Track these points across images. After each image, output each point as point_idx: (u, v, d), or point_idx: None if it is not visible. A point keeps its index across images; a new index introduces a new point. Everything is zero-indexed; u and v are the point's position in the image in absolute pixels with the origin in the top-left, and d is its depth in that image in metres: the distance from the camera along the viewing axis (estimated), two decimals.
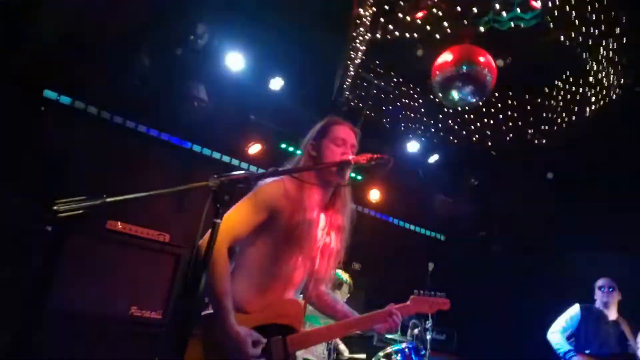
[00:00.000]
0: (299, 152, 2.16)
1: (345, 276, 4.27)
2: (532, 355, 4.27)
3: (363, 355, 4.37)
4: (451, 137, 5.11)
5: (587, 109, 4.29)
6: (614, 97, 4.00)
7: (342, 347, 4.25)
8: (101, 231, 3.87)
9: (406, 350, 3.74)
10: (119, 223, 3.99)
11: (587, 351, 3.80)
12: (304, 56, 4.71)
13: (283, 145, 5.56)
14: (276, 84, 4.93)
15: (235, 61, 4.67)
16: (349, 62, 4.55)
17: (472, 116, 4.96)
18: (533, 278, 5.58)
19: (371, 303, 2.05)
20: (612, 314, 3.93)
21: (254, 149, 5.44)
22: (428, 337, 4.25)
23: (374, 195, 6.27)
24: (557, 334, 3.98)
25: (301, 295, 2.07)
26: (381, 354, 3.80)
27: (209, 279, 1.68)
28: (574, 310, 4.04)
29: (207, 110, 4.86)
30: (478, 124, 4.94)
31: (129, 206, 4.16)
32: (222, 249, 1.72)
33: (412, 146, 5.87)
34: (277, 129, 5.43)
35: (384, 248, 6.14)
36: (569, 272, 4.91)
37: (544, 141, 4.63)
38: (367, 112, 5.11)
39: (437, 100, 4.81)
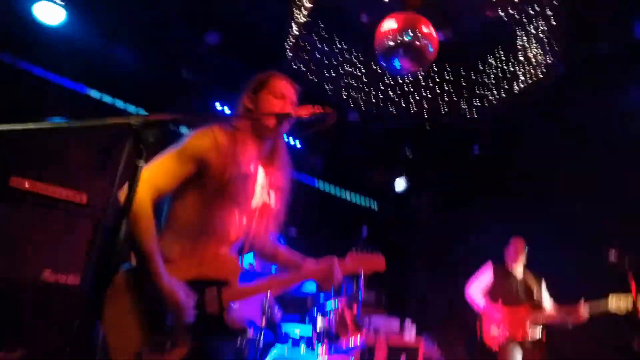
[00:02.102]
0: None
1: (280, 240, 4.26)
2: (457, 309, 4.60)
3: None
4: (390, 108, 5.17)
5: (516, 86, 4.52)
6: (541, 76, 4.25)
7: (277, 308, 4.28)
8: (3, 188, 3.42)
9: (339, 306, 3.96)
10: (26, 182, 3.56)
11: (499, 301, 4.18)
12: (243, 10, 4.47)
13: (219, 106, 5.32)
14: (212, 38, 4.65)
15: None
16: (293, 22, 4.39)
17: (411, 88, 5.04)
18: (454, 243, 5.95)
19: None
20: (520, 268, 4.34)
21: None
22: (360, 294, 4.40)
23: (312, 162, 6.26)
24: (473, 289, 4.34)
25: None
26: (315, 310, 3.94)
27: (134, 232, 1.55)
28: (487, 267, 4.42)
29: (133, 61, 4.48)
30: (416, 96, 5.04)
31: (40, 162, 3.77)
32: (144, 200, 1.59)
33: (352, 115, 5.89)
34: (214, 87, 5.17)
35: (319, 214, 6.20)
36: (488, 234, 5.28)
37: (476, 116, 4.84)
38: (309, 76, 5.01)
39: (378, 69, 4.83)
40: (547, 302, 4.20)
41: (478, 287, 4.34)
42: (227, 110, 5.29)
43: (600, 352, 4.46)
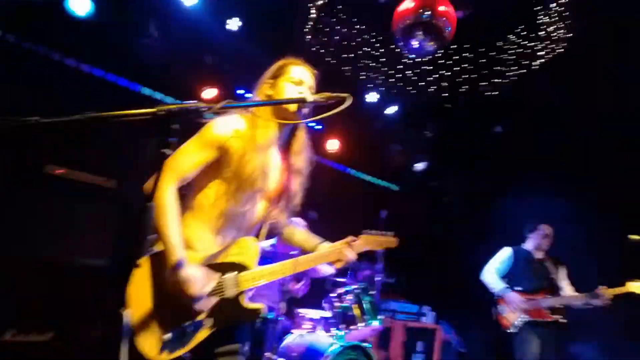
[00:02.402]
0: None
1: (299, 221, 4.32)
2: (475, 295, 4.61)
3: None
4: (409, 88, 5.16)
5: (535, 63, 4.45)
6: (562, 50, 4.16)
7: (300, 284, 4.32)
8: (38, 176, 3.56)
9: (356, 290, 3.93)
10: (59, 169, 3.71)
11: (519, 288, 4.15)
12: None
13: (241, 91, 5.42)
14: (234, 24, 4.72)
15: None
16: (310, 5, 4.42)
17: (429, 67, 5.01)
18: (478, 225, 5.94)
19: None
20: (539, 254, 4.29)
21: (209, 93, 5.23)
22: (378, 279, 4.47)
23: (332, 145, 6.32)
24: (491, 274, 4.28)
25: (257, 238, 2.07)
26: (332, 295, 3.99)
27: (157, 220, 1.65)
28: (505, 252, 4.35)
29: (157, 49, 4.58)
30: (435, 76, 5.02)
31: (72, 151, 3.94)
32: (168, 189, 1.70)
33: (371, 97, 5.91)
34: (235, 73, 5.25)
35: (340, 198, 6.27)
36: (504, 217, 5.26)
37: (496, 93, 4.79)
38: (328, 59, 5.04)
39: (396, 49, 4.82)
40: (567, 288, 4.14)
41: (497, 270, 4.29)
42: (248, 96, 5.39)
43: (619, 334, 4.47)
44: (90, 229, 3.73)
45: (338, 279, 4.41)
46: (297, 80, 1.95)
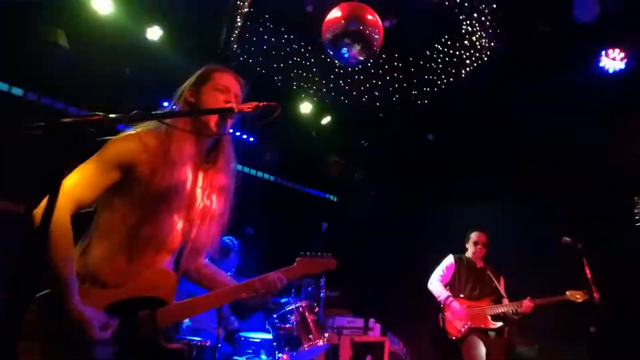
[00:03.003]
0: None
1: (231, 243, 4.11)
2: (421, 305, 4.61)
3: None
4: (342, 98, 5.13)
5: (463, 71, 4.60)
6: (485, 60, 4.33)
7: (232, 318, 4.14)
8: None
9: (300, 309, 3.77)
10: None
11: (462, 295, 4.22)
12: (185, 3, 4.27)
13: (166, 104, 5.09)
14: (154, 33, 4.43)
15: (103, 4, 4.07)
16: (235, 13, 4.24)
17: (362, 77, 5.02)
18: (417, 234, 6.01)
19: (268, 267, 1.91)
20: (480, 262, 4.40)
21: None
22: (322, 294, 4.34)
23: (266, 157, 6.15)
24: (436, 283, 4.33)
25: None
26: (275, 316, 3.79)
27: (49, 250, 1.39)
28: (449, 260, 4.42)
29: (69, 61, 4.18)
30: (367, 85, 5.03)
31: None
32: (61, 216, 1.44)
33: (305, 107, 5.83)
34: (157, 85, 4.92)
35: (278, 211, 6.10)
36: (446, 225, 5.36)
37: (426, 102, 4.89)
38: (258, 69, 4.88)
39: (328, 59, 4.77)
40: (504, 295, 4.24)
41: (440, 280, 4.34)
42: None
43: (559, 338, 4.67)
44: None
45: (280, 299, 4.22)
46: (223, 88, 1.76)
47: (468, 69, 4.50)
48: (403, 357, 5.10)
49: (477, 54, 4.34)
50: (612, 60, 4.47)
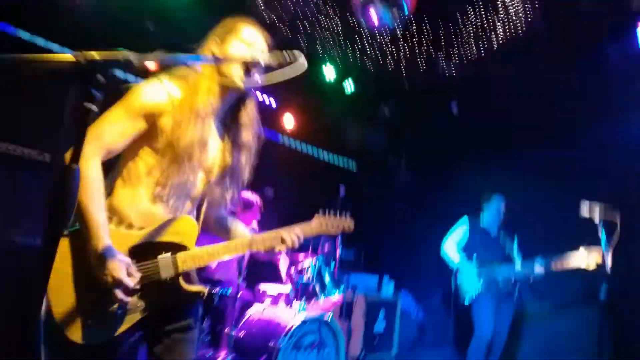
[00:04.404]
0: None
1: (254, 197, 4.19)
2: (433, 263, 4.68)
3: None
4: (368, 64, 5.02)
5: (495, 42, 4.43)
6: (520, 31, 4.16)
7: None
8: None
9: (316, 264, 3.98)
10: None
11: (476, 259, 4.27)
12: None
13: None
14: None
15: None
16: None
17: (389, 43, 4.89)
18: (432, 200, 5.99)
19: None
20: (494, 225, 4.43)
21: (151, 65, 4.79)
22: (338, 252, 4.43)
23: (288, 121, 6.13)
24: (450, 247, 4.40)
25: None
26: (293, 269, 3.95)
27: (79, 193, 1.43)
28: (464, 224, 4.47)
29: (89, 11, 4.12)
30: (394, 53, 4.91)
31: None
32: (91, 160, 1.49)
33: (329, 72, 5.74)
34: (182, 43, 4.87)
35: (297, 175, 6.13)
36: (461, 193, 5.33)
37: (454, 72, 4.75)
38: (283, 32, 4.79)
39: (355, 23, 4.65)
40: (518, 258, 4.29)
41: (453, 242, 4.40)
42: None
43: (569, 303, 4.68)
44: (26, 206, 3.40)
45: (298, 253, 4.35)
46: (248, 41, 1.73)
47: (501, 40, 4.33)
48: (415, 316, 5.24)
49: (512, 26, 4.16)
50: None
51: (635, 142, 4.46)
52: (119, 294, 1.47)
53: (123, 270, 1.47)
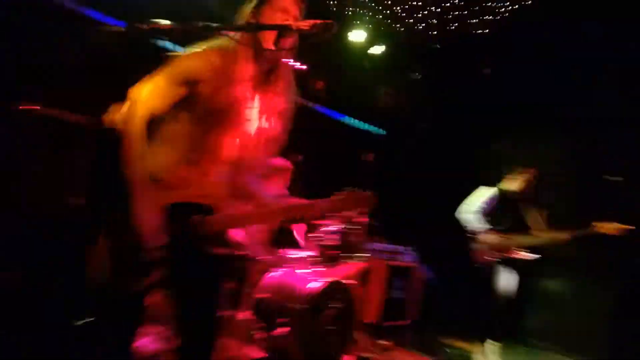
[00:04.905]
0: None
1: (284, 163, 4.25)
2: (456, 233, 4.66)
3: None
4: (397, 25, 4.93)
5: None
6: None
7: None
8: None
9: (343, 230, 3.90)
10: (33, 106, 3.53)
11: (496, 227, 4.23)
12: None
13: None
14: None
15: None
16: None
17: (418, 3, 4.76)
18: (457, 168, 5.96)
19: (310, 195, 1.98)
20: (519, 195, 4.35)
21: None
22: (362, 219, 4.47)
23: (316, 86, 6.13)
24: (473, 213, 4.32)
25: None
26: (319, 233, 4.02)
27: (124, 153, 1.56)
28: (488, 192, 4.38)
29: None
30: (424, 12, 4.78)
31: (45, 87, 3.70)
32: (138, 122, 1.61)
33: (358, 35, 5.68)
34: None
35: (325, 141, 6.18)
36: (488, 160, 5.27)
37: (487, 31, 4.61)
38: None
39: None
40: (542, 229, 4.24)
41: (478, 209, 4.32)
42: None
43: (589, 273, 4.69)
44: (74, 167, 3.62)
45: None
46: (283, 9, 1.79)
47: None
48: (431, 281, 5.31)
49: None
50: None
51: None
52: (153, 247, 1.58)
53: (158, 229, 1.58)
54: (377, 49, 5.91)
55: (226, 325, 3.33)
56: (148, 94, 1.66)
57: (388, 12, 4.99)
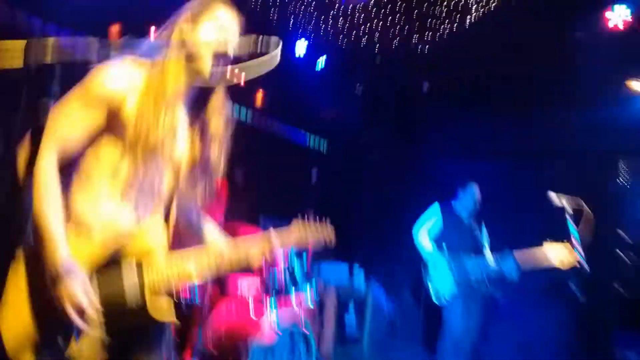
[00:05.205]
0: None
1: (219, 186, 3.97)
2: (404, 252, 4.63)
3: None
4: (340, 38, 4.88)
5: (468, 19, 4.37)
6: (492, 8, 4.11)
7: None
8: None
9: (287, 258, 3.74)
10: None
11: (446, 248, 4.13)
12: None
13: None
14: None
15: None
16: None
17: (362, 17, 4.75)
18: (405, 185, 5.96)
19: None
20: (468, 214, 4.32)
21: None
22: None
23: (256, 99, 5.92)
24: (423, 237, 4.24)
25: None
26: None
27: (34, 199, 1.27)
28: (436, 211, 4.33)
29: None
30: (367, 26, 4.77)
31: None
32: (44, 159, 1.30)
33: (300, 47, 5.55)
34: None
35: (266, 156, 5.95)
36: (435, 177, 5.31)
37: (427, 48, 4.69)
38: (252, 4, 4.57)
39: None
40: (488, 251, 4.16)
41: (427, 232, 4.25)
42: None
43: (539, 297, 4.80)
44: None
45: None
46: (220, 25, 1.56)
47: (474, 17, 4.27)
48: (386, 310, 5.21)
49: (484, 2, 4.10)
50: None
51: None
52: (73, 315, 1.29)
53: (78, 287, 1.28)
54: (319, 62, 5.83)
55: None
56: (58, 122, 1.33)
57: (330, 25, 4.93)
